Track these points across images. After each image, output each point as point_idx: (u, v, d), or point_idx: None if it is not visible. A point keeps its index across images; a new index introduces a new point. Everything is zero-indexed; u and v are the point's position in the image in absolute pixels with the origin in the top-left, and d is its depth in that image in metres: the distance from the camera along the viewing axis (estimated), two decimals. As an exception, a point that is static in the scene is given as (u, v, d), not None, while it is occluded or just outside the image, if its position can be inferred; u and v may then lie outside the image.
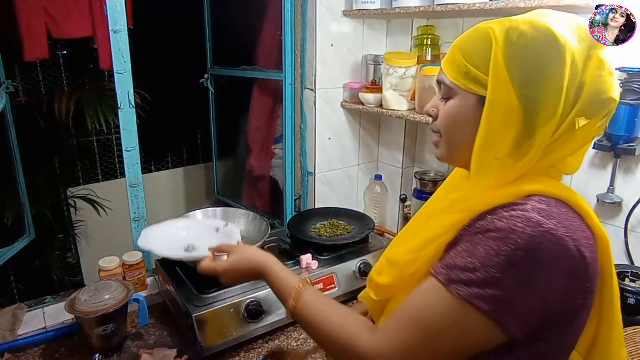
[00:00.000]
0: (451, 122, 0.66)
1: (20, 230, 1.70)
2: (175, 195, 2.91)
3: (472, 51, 0.62)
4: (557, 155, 0.62)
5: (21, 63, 2.15)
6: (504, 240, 0.54)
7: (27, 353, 1.08)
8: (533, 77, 0.57)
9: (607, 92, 0.59)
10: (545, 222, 0.54)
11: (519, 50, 0.58)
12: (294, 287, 0.75)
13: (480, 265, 0.54)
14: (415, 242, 0.67)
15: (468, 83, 0.62)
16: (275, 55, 1.66)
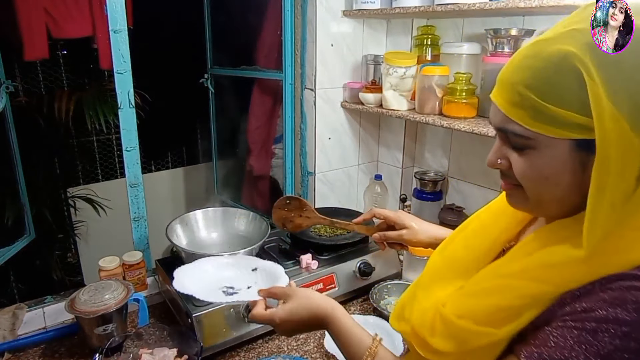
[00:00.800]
0: (539, 175, 0.53)
1: (21, 230, 1.70)
2: (175, 195, 2.91)
3: (553, 89, 0.49)
4: None
5: (21, 63, 2.15)
6: (623, 337, 0.43)
7: (28, 353, 1.08)
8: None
9: None
10: None
11: (620, 72, 0.46)
12: (367, 346, 0.67)
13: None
14: (483, 307, 0.54)
15: (556, 128, 0.49)
16: (275, 55, 1.66)
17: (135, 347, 0.97)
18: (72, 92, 2.07)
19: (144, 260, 1.27)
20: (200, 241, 1.32)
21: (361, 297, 1.30)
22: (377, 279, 1.30)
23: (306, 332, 0.80)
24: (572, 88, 0.47)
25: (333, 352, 1.06)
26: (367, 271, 1.27)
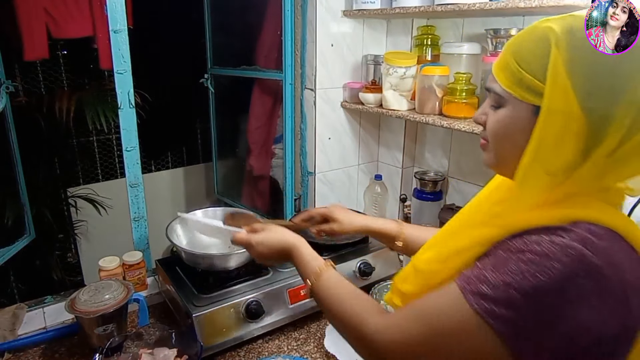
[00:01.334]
0: (501, 132, 0.60)
1: (21, 230, 1.70)
2: (175, 195, 2.91)
3: (527, 55, 0.55)
4: (620, 174, 0.55)
5: (21, 63, 2.15)
6: (537, 266, 0.49)
7: (28, 353, 1.09)
8: (600, 86, 0.50)
9: None
10: (589, 256, 0.48)
11: (584, 55, 0.50)
12: (316, 267, 0.79)
13: (503, 283, 0.50)
14: (444, 251, 0.64)
15: (522, 91, 0.55)
16: (275, 56, 1.66)
17: (135, 347, 0.97)
18: (73, 92, 2.07)
19: (144, 260, 1.27)
20: (200, 241, 1.32)
21: (361, 297, 1.30)
22: (377, 279, 1.30)
23: (275, 259, 0.90)
24: (540, 55, 0.53)
25: (333, 352, 1.06)
26: (367, 271, 1.27)
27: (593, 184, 0.55)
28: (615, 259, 0.50)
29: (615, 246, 0.51)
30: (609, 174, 0.54)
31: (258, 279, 1.18)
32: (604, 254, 0.49)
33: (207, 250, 1.28)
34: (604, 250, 0.49)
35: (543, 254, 0.49)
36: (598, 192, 0.57)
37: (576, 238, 0.50)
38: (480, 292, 0.52)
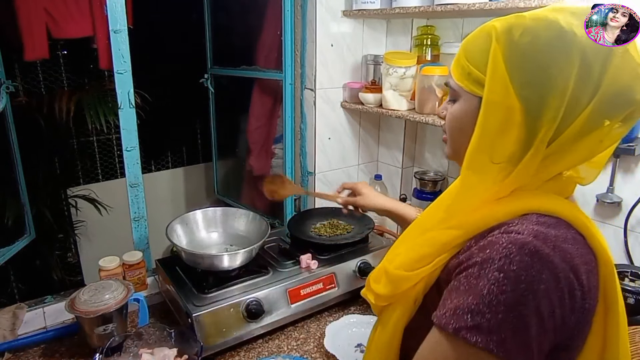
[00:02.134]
0: (455, 124, 0.65)
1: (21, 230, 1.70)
2: (175, 195, 2.91)
3: (474, 51, 0.59)
4: (563, 163, 0.58)
5: (21, 63, 2.15)
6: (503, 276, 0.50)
7: (28, 353, 1.09)
8: (534, 78, 0.53)
9: (629, 92, 0.53)
10: (541, 249, 0.51)
11: (520, 49, 0.54)
12: None
13: (486, 307, 0.50)
14: (410, 257, 0.65)
15: (470, 84, 0.59)
16: (275, 55, 1.66)
17: (135, 347, 0.97)
18: (73, 92, 2.07)
19: (144, 260, 1.27)
20: (200, 241, 1.32)
21: (361, 297, 1.30)
22: (377, 278, 1.30)
23: None
24: (484, 50, 0.57)
25: (333, 352, 1.06)
26: (367, 271, 1.27)
27: (539, 175, 0.58)
28: (563, 245, 0.53)
29: (563, 233, 0.54)
30: (551, 164, 0.57)
31: (258, 279, 1.18)
32: (553, 242, 0.52)
33: (207, 250, 1.28)
34: (553, 239, 0.52)
35: (503, 259, 0.51)
36: (546, 184, 0.60)
37: (528, 231, 0.53)
38: (471, 326, 0.51)
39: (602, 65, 0.52)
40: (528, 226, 0.53)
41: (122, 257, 1.24)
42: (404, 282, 0.64)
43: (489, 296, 0.50)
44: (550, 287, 0.50)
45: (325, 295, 1.21)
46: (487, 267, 0.52)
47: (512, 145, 0.56)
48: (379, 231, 1.59)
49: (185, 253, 1.16)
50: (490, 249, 0.53)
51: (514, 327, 0.49)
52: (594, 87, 0.52)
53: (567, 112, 0.53)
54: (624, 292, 1.05)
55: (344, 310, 1.26)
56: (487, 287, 0.51)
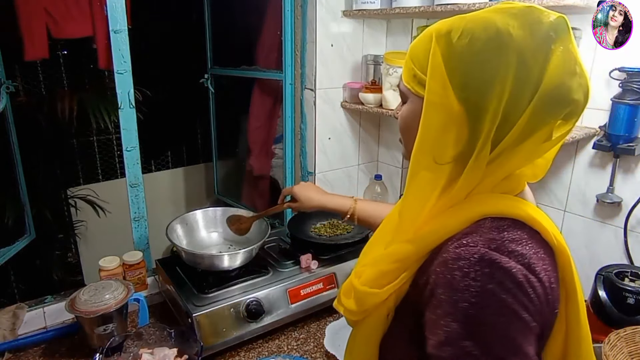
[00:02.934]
0: (403, 125, 0.65)
1: (21, 230, 1.70)
2: (175, 195, 2.91)
3: (418, 53, 0.59)
4: (512, 165, 0.58)
5: (21, 63, 2.15)
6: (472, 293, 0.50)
7: (28, 353, 1.09)
8: (473, 80, 0.54)
9: (567, 93, 0.53)
10: (497, 258, 0.51)
11: (458, 51, 0.54)
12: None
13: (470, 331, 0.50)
14: (374, 273, 0.64)
15: (415, 86, 0.60)
16: (276, 56, 1.67)
17: (135, 347, 0.98)
18: (74, 92, 2.07)
19: (144, 260, 1.27)
20: (200, 241, 1.32)
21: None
22: (377, 278, 1.30)
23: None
24: (426, 51, 0.57)
25: (333, 352, 1.06)
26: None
27: (490, 178, 0.58)
28: (518, 248, 0.53)
29: (518, 234, 0.55)
30: (499, 166, 0.57)
31: (258, 279, 1.18)
32: (507, 248, 0.52)
33: (207, 250, 1.28)
34: (508, 243, 0.53)
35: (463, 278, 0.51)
36: (497, 185, 0.60)
37: (482, 242, 0.53)
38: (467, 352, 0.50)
39: (542, 65, 0.52)
40: (482, 235, 0.54)
41: (122, 257, 1.24)
42: (371, 298, 0.64)
43: (468, 319, 0.50)
44: (516, 292, 0.50)
45: (325, 295, 1.21)
46: (455, 287, 0.52)
47: (454, 146, 0.56)
48: (379, 231, 1.59)
49: (185, 253, 1.16)
50: (449, 266, 0.53)
51: (502, 339, 0.50)
52: (534, 87, 0.52)
53: (508, 113, 0.53)
54: (624, 292, 1.05)
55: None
56: (461, 311, 0.51)
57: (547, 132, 0.55)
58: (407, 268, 0.60)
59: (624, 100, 1.09)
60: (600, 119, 1.18)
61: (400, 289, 0.62)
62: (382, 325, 0.66)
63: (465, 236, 0.55)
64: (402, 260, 0.61)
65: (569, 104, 0.54)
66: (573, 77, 0.53)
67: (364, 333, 0.68)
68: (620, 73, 1.11)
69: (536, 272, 0.53)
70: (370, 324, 0.66)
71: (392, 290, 0.62)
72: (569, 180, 1.28)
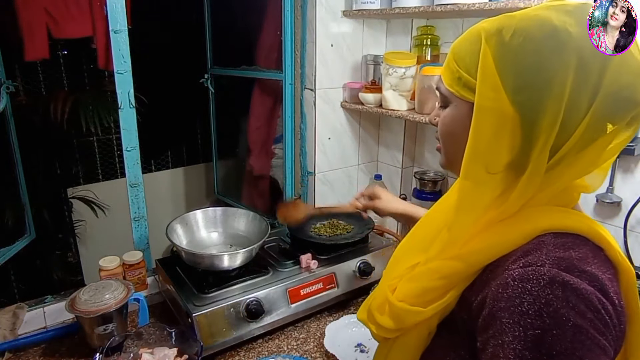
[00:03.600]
0: (446, 131, 0.61)
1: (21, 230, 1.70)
2: (175, 195, 2.91)
3: (464, 54, 0.56)
4: (571, 175, 0.54)
5: (22, 63, 2.15)
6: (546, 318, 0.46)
7: (28, 352, 1.09)
8: (528, 82, 0.50)
9: (632, 93, 0.49)
10: (569, 279, 0.47)
11: (512, 51, 0.51)
12: None
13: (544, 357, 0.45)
14: (414, 289, 0.61)
15: (461, 89, 0.56)
16: (275, 56, 1.67)
17: (135, 347, 0.98)
18: (70, 93, 2.07)
19: (144, 260, 1.27)
20: (201, 241, 1.32)
21: (361, 296, 1.30)
22: (377, 278, 1.30)
23: None
24: (474, 53, 0.54)
25: (333, 352, 1.06)
26: (367, 271, 1.27)
27: (547, 189, 0.54)
28: (587, 268, 0.49)
29: (583, 252, 0.51)
30: (558, 176, 0.53)
31: (258, 278, 1.18)
32: (577, 268, 0.48)
33: (207, 250, 1.28)
34: (577, 263, 0.49)
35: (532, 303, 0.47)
36: (553, 197, 0.56)
37: (550, 263, 0.48)
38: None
39: (602, 65, 0.49)
40: (548, 254, 0.49)
41: (122, 257, 1.24)
42: (413, 316, 0.60)
43: (542, 348, 0.46)
44: (592, 317, 0.46)
45: (325, 295, 1.21)
46: (525, 312, 0.47)
47: (508, 153, 0.53)
48: (379, 231, 1.59)
49: (185, 253, 1.16)
50: (515, 289, 0.48)
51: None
52: (594, 89, 0.49)
53: (567, 118, 0.50)
54: (624, 292, 1.05)
55: (344, 310, 1.26)
56: (534, 339, 0.46)
57: (609, 139, 0.51)
58: (455, 286, 0.56)
59: (624, 100, 1.09)
60: (600, 119, 1.18)
61: (446, 308, 0.58)
62: (423, 343, 0.62)
63: (527, 254, 0.50)
64: (449, 277, 0.57)
65: (635, 105, 0.50)
66: (638, 76, 0.50)
67: (400, 350, 0.64)
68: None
69: (609, 295, 0.48)
70: (409, 341, 0.62)
71: (438, 310, 0.58)
72: (568, 180, 1.28)
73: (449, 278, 0.57)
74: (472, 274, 0.55)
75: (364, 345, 1.11)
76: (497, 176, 0.54)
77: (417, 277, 0.62)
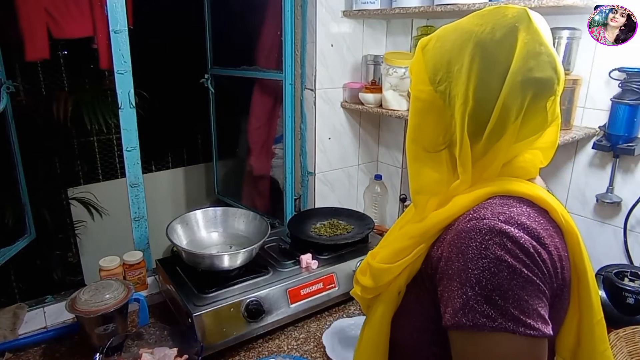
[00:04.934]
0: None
1: (21, 230, 1.70)
2: (175, 195, 2.91)
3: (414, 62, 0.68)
4: (507, 153, 0.62)
5: (22, 63, 2.15)
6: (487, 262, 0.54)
7: (28, 352, 1.09)
8: (444, 74, 0.62)
9: (530, 72, 0.57)
10: (507, 229, 0.55)
11: (433, 53, 0.64)
12: None
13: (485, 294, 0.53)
14: (390, 251, 0.69)
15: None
16: (276, 56, 1.66)
17: (135, 347, 0.98)
18: (71, 93, 2.07)
19: (145, 260, 1.27)
20: (201, 241, 1.32)
21: (361, 296, 1.30)
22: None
23: None
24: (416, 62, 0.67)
25: (333, 351, 1.06)
26: (367, 271, 1.27)
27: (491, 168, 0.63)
28: (526, 222, 0.57)
29: (525, 209, 0.59)
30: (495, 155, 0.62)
31: (258, 278, 1.18)
32: (516, 220, 0.56)
33: (207, 250, 1.28)
34: (516, 217, 0.57)
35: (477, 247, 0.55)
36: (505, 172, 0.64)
37: (492, 215, 0.57)
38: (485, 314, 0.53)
39: (508, 52, 0.58)
40: (492, 210, 0.58)
41: (123, 257, 1.24)
42: (386, 273, 0.68)
43: (482, 285, 0.54)
44: (526, 260, 0.54)
45: (325, 295, 1.21)
46: (468, 256, 0.56)
47: (439, 134, 0.64)
48: (379, 231, 1.59)
49: (186, 253, 1.16)
50: (461, 238, 0.57)
51: (515, 302, 0.53)
52: (503, 73, 0.57)
53: (480, 98, 0.59)
54: (624, 292, 1.05)
55: (344, 310, 1.26)
56: (475, 278, 0.54)
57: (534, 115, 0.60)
58: (421, 244, 0.64)
59: (624, 100, 1.09)
60: (600, 119, 1.18)
61: (413, 265, 0.66)
62: (393, 303, 0.69)
63: (475, 212, 0.59)
64: (415, 237, 0.65)
65: (535, 82, 0.58)
66: (538, 56, 0.58)
67: (375, 313, 0.71)
68: (619, 73, 1.11)
69: (545, 245, 0.56)
70: (382, 302, 0.70)
71: (406, 264, 0.66)
72: (568, 180, 1.28)
73: (416, 238, 0.65)
74: (435, 233, 0.64)
75: (364, 345, 1.11)
76: (438, 155, 0.65)
77: (392, 242, 0.71)
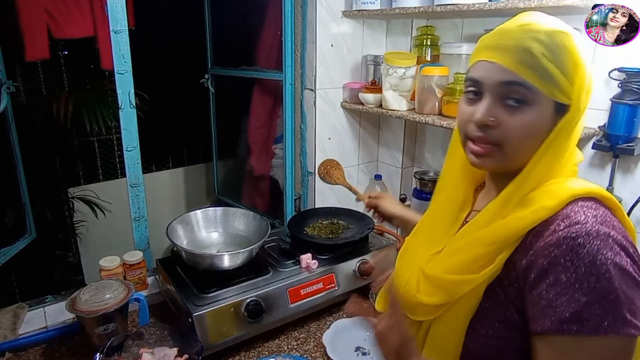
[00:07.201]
0: (528, 132, 0.62)
1: (22, 230, 1.70)
2: (175, 195, 2.91)
3: (557, 53, 0.60)
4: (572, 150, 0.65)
5: (22, 63, 2.15)
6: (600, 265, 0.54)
7: (29, 352, 1.09)
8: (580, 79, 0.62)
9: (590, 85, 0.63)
10: (608, 231, 0.56)
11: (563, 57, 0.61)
12: None
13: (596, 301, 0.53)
14: (460, 259, 0.65)
15: (552, 88, 0.60)
16: (276, 56, 1.67)
17: (135, 347, 0.98)
18: (71, 94, 2.07)
19: (145, 260, 1.27)
20: (201, 241, 1.32)
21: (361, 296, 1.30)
22: (377, 278, 1.30)
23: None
24: (565, 57, 0.60)
25: (333, 351, 1.06)
26: (367, 270, 1.27)
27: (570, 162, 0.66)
28: (614, 222, 0.58)
29: (603, 211, 0.59)
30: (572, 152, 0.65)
31: (258, 278, 1.18)
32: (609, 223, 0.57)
33: (207, 250, 1.28)
34: (608, 219, 0.58)
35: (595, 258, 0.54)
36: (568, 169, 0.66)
37: (590, 220, 0.56)
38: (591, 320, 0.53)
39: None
40: (586, 214, 0.58)
41: (123, 257, 1.24)
42: (466, 285, 0.63)
43: (597, 290, 0.53)
44: (628, 260, 0.55)
45: (325, 295, 1.21)
46: (579, 263, 0.54)
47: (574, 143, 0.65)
48: (379, 231, 1.59)
49: (186, 253, 1.16)
50: (570, 245, 0.55)
51: (627, 303, 0.53)
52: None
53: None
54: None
55: (344, 310, 1.26)
56: (590, 284, 0.53)
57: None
58: (503, 250, 0.61)
59: (623, 100, 1.09)
60: (600, 119, 1.18)
61: (494, 274, 0.62)
62: (472, 312, 0.64)
63: (568, 217, 0.58)
64: (496, 243, 0.61)
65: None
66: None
67: (449, 323, 0.66)
68: (619, 73, 1.11)
69: (632, 242, 0.58)
70: (459, 312, 0.65)
71: (490, 274, 0.61)
72: (568, 180, 1.28)
73: (498, 243, 0.61)
74: (518, 238, 0.61)
75: (364, 348, 1.11)
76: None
77: (462, 248, 0.66)
